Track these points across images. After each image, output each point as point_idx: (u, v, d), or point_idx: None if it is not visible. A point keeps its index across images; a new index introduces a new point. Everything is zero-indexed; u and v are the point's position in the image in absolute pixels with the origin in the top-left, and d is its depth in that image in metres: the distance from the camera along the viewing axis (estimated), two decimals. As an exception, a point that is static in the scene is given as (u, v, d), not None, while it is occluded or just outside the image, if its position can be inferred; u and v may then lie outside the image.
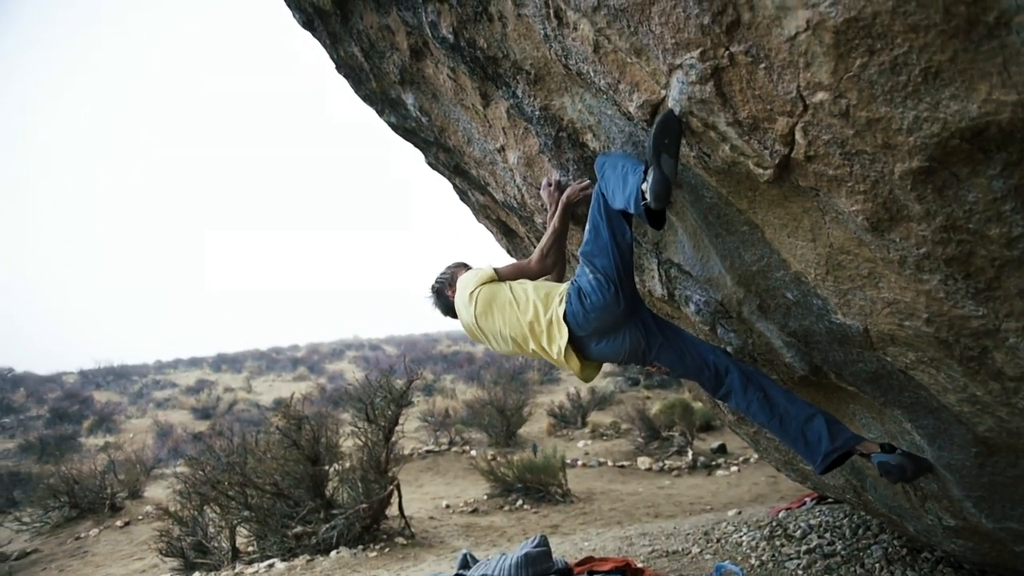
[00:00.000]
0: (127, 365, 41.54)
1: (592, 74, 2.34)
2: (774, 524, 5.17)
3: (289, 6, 3.92)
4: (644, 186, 2.28)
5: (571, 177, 3.13)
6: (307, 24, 3.91)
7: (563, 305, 2.84)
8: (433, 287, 3.47)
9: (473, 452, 12.59)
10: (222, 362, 41.08)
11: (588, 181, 3.05)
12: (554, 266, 3.17)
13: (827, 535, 4.72)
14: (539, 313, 2.91)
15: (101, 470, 11.42)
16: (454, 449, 13.11)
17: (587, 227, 2.80)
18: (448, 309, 3.41)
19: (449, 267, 3.46)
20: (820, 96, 1.60)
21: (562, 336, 2.85)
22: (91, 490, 10.80)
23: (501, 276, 3.12)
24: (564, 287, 2.90)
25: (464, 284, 3.17)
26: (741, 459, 10.47)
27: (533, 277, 3.15)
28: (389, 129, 4.48)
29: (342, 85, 4.38)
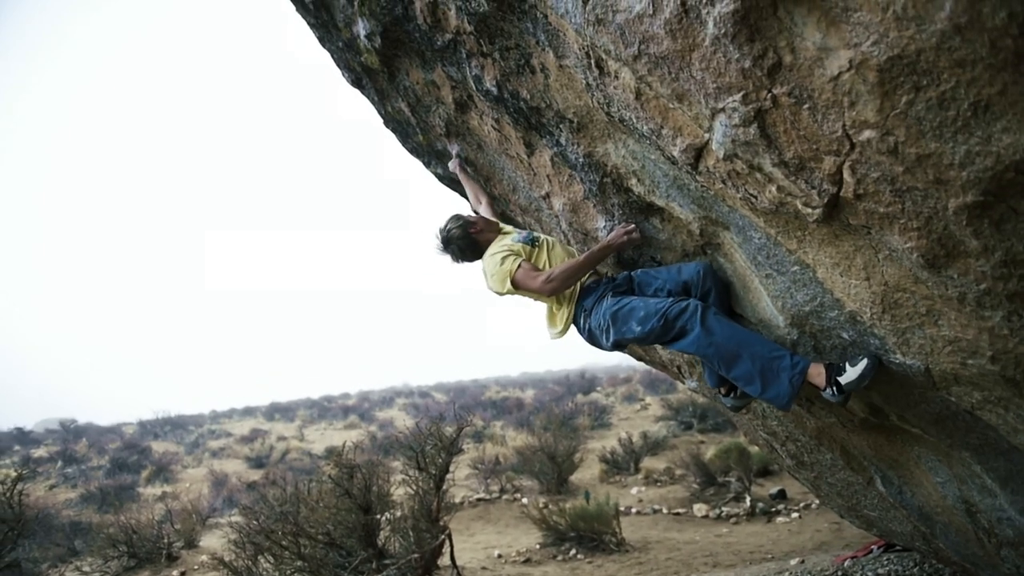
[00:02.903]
0: (184, 415, 42.48)
1: (634, 120, 2.37)
2: (839, 574, 4.95)
3: (339, 66, 4.08)
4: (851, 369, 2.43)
5: (616, 221, 3.15)
6: (355, 82, 4.06)
7: (566, 323, 3.30)
8: (449, 237, 3.56)
9: (524, 500, 12.42)
10: (275, 411, 41.65)
11: (633, 225, 3.06)
12: (553, 293, 3.21)
13: (897, 586, 4.50)
14: (552, 321, 3.41)
15: (158, 519, 11.60)
16: (505, 497, 12.94)
17: (644, 306, 2.91)
18: (466, 252, 3.57)
19: (455, 220, 3.59)
20: (867, 134, 1.59)
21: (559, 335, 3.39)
22: (149, 539, 10.96)
23: (515, 280, 3.24)
24: (565, 317, 3.31)
25: (495, 273, 3.31)
26: (802, 505, 10.08)
27: (535, 293, 3.27)
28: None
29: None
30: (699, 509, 10.65)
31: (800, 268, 2.36)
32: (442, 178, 4.52)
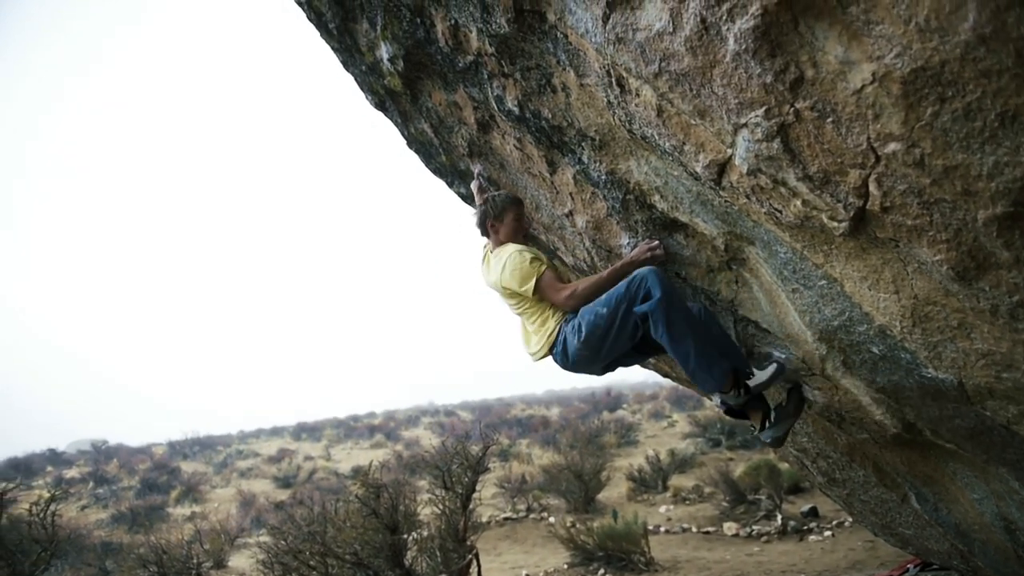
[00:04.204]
0: (212, 436, 42.91)
1: (656, 137, 2.37)
2: (875, 594, 4.84)
3: (362, 89, 4.15)
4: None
5: (640, 238, 3.14)
6: (379, 105, 4.12)
7: (546, 348, 3.27)
8: (496, 202, 3.52)
9: (551, 519, 12.34)
10: (302, 431, 41.90)
11: (657, 241, 3.05)
12: (573, 308, 3.20)
13: (935, 606, 4.39)
14: (529, 340, 3.39)
15: (188, 540, 11.69)
16: (532, 516, 12.87)
17: (602, 308, 2.98)
18: (486, 222, 3.53)
19: (505, 199, 3.54)
20: (892, 147, 1.58)
21: (539, 355, 3.35)
22: (178, 560, 11.02)
23: (540, 284, 3.23)
24: (548, 334, 3.25)
25: (518, 268, 3.26)
26: (835, 523, 9.88)
27: (554, 302, 3.25)
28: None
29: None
30: (729, 527, 10.50)
31: (827, 282, 2.34)
32: (466, 198, 4.55)
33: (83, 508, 20.16)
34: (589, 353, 3.08)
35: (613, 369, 3.37)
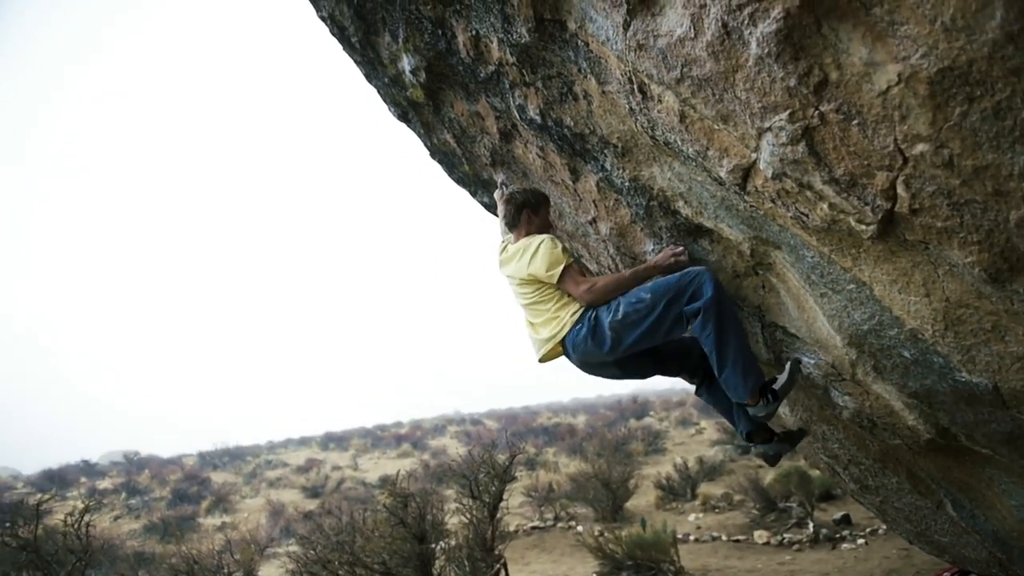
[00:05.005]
0: (242, 446, 43.41)
1: (680, 143, 2.36)
2: (912, 604, 4.74)
3: (385, 101, 4.19)
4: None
5: (664, 244, 3.13)
6: (402, 116, 4.15)
7: (561, 333, 3.18)
8: (525, 197, 3.44)
9: (579, 528, 12.27)
10: (329, 440, 42.19)
11: (682, 247, 3.04)
12: (589, 304, 3.14)
13: (974, 616, 4.29)
14: (539, 331, 3.29)
15: (218, 550, 11.80)
16: (560, 525, 12.81)
17: (645, 294, 2.95)
18: (516, 211, 3.43)
19: (540, 193, 3.49)
20: (920, 148, 1.56)
21: (549, 348, 3.25)
22: (209, 570, 11.12)
23: (564, 273, 3.15)
24: (571, 314, 3.16)
25: (548, 253, 3.17)
26: (868, 530, 9.70)
27: (573, 294, 3.19)
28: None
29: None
30: (760, 536, 10.36)
31: (856, 286, 2.31)
32: (488, 207, 4.57)
33: (116, 519, 20.44)
34: (622, 330, 2.98)
35: (623, 374, 3.29)
